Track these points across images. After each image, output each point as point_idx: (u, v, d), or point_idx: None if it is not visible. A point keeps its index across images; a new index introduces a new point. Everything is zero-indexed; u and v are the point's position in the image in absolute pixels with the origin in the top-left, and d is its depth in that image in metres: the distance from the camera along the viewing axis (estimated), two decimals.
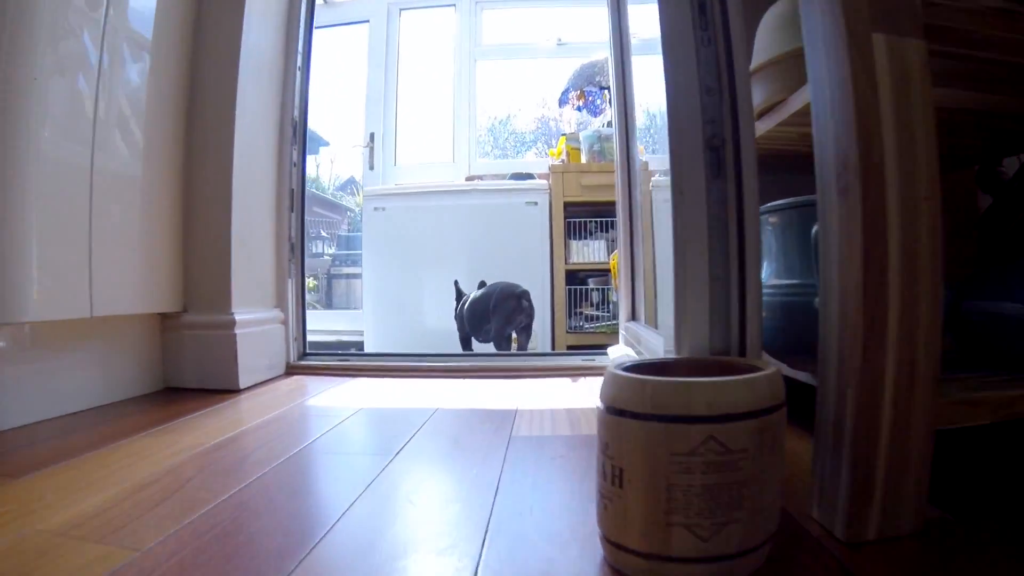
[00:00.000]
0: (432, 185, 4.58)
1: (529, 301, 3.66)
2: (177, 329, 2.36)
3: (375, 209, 4.46)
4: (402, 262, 4.36)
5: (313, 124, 9.49)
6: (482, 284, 3.89)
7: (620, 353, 2.31)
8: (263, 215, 2.57)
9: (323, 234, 9.26)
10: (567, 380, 2.47)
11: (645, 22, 2.57)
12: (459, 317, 3.90)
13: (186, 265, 2.37)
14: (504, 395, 2.23)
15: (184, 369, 2.36)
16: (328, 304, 7.73)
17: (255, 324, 2.44)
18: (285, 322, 2.67)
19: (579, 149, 4.67)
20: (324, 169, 9.42)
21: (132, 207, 2.14)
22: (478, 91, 5.40)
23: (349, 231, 8.66)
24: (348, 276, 7.12)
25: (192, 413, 1.97)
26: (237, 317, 2.33)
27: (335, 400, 2.17)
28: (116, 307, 2.08)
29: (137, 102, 2.17)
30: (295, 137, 2.69)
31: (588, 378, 2.50)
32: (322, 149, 9.94)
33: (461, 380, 2.50)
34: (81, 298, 1.92)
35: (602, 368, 2.59)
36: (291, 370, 2.67)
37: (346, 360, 2.76)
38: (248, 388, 2.36)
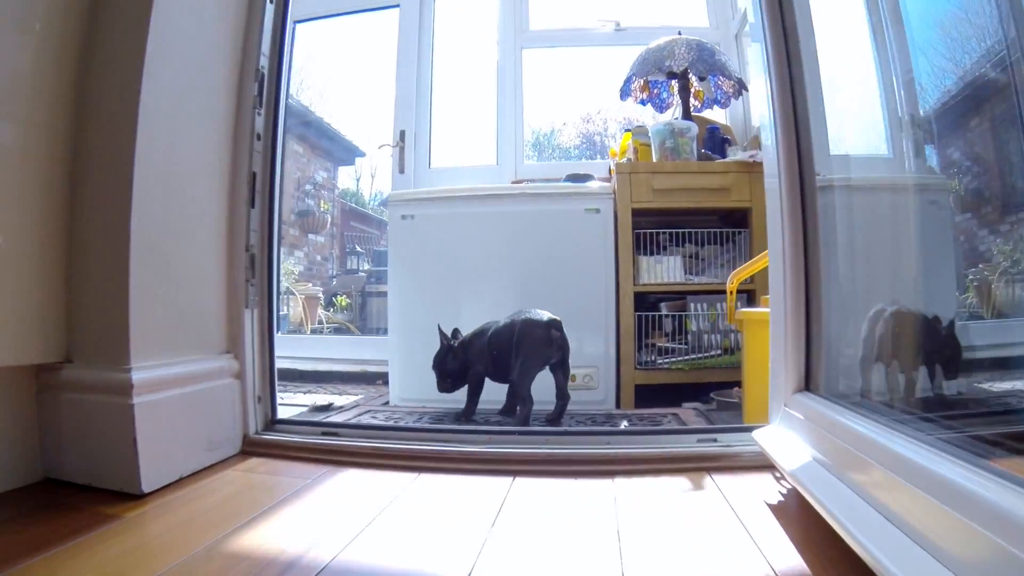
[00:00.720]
0: (470, 189, 3.61)
1: (560, 331, 2.62)
2: (54, 390, 1.40)
3: (402, 218, 3.48)
4: (434, 281, 3.39)
5: (346, 131, 8.70)
6: (455, 333, 2.92)
7: (787, 449, 1.30)
8: (203, 211, 1.61)
9: (358, 249, 8.43)
10: (685, 483, 1.44)
11: None
12: (440, 365, 2.87)
13: (70, 288, 1.41)
14: (592, 530, 1.22)
15: (65, 454, 1.39)
16: (362, 325, 6.89)
17: (178, 383, 1.46)
18: (241, 375, 1.69)
19: (649, 145, 3.67)
20: (364, 183, 8.65)
21: None
22: (525, 84, 4.44)
23: (386, 246, 7.86)
24: (382, 294, 6.31)
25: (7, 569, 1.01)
26: (138, 375, 1.34)
27: (295, 533, 1.17)
28: None
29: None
30: (261, 98, 1.72)
31: (719, 477, 1.48)
32: (358, 160, 9.15)
33: (508, 479, 1.51)
34: None
35: (735, 458, 1.57)
36: (249, 448, 1.68)
37: (333, 436, 1.76)
38: (162, 489, 1.38)
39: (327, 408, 2.77)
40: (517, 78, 4.38)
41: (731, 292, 2.42)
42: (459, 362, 2.81)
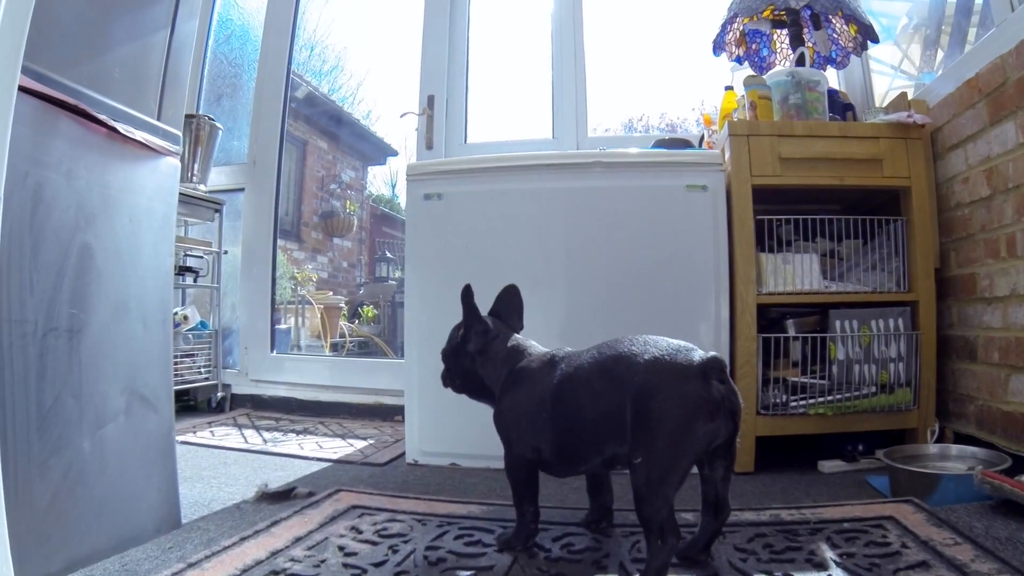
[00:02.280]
0: (521, 157, 2.45)
1: (727, 383, 1.24)
2: None
3: (425, 198, 2.36)
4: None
5: (377, 128, 7.68)
6: (501, 302, 1.64)
7: None
8: None
9: (389, 255, 7.40)
10: None
11: None
12: (454, 353, 1.59)
13: None
14: None
15: None
16: (392, 338, 5.90)
17: None
18: None
19: (769, 99, 2.53)
20: (400, 188, 7.65)
21: None
22: (586, 37, 3.32)
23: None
24: None
25: None
26: None
27: None
28: None
29: None
30: None
31: None
32: (390, 160, 8.11)
33: None
34: None
35: None
36: None
37: None
38: None
39: (285, 496, 1.64)
40: (577, 27, 3.26)
41: None
42: (482, 375, 1.54)
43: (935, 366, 2.28)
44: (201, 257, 3.44)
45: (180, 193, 3.12)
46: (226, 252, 3.52)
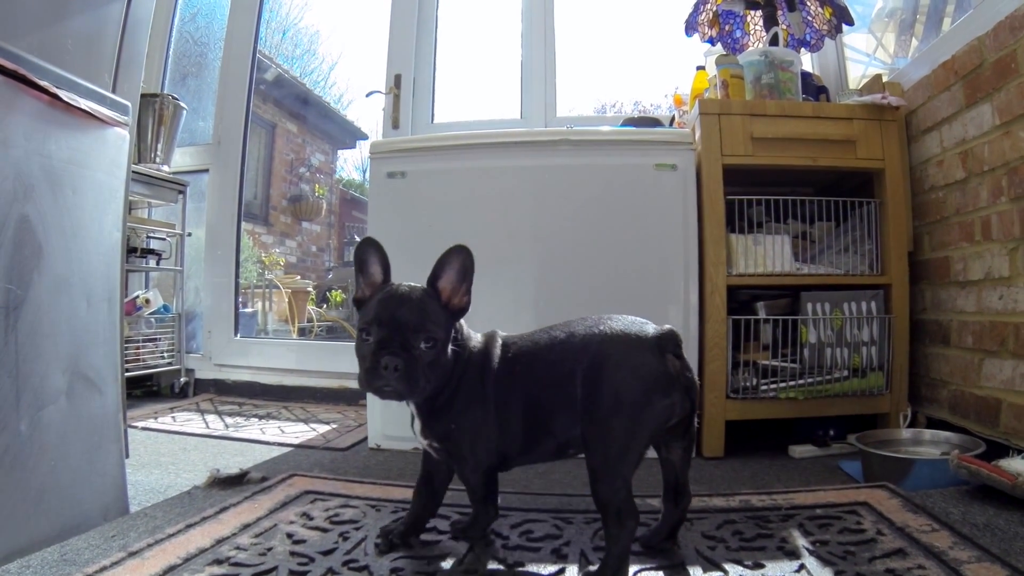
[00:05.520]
0: (486, 135, 2.41)
1: (682, 359, 1.18)
2: None
3: (389, 176, 2.32)
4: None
5: (349, 111, 7.59)
6: (387, 286, 1.30)
7: None
8: None
9: (358, 240, 7.33)
10: None
11: None
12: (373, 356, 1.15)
13: None
14: None
15: None
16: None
17: None
18: None
19: (742, 78, 2.51)
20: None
21: None
22: (558, 18, 3.27)
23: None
24: None
25: None
26: None
27: None
28: None
29: None
30: None
31: None
32: (361, 144, 8.01)
33: None
34: None
35: None
36: None
37: None
38: None
39: (238, 481, 1.59)
40: (548, 5, 3.22)
41: None
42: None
43: (908, 350, 2.28)
44: (164, 239, 3.38)
45: (143, 174, 3.08)
46: (190, 234, 3.45)
